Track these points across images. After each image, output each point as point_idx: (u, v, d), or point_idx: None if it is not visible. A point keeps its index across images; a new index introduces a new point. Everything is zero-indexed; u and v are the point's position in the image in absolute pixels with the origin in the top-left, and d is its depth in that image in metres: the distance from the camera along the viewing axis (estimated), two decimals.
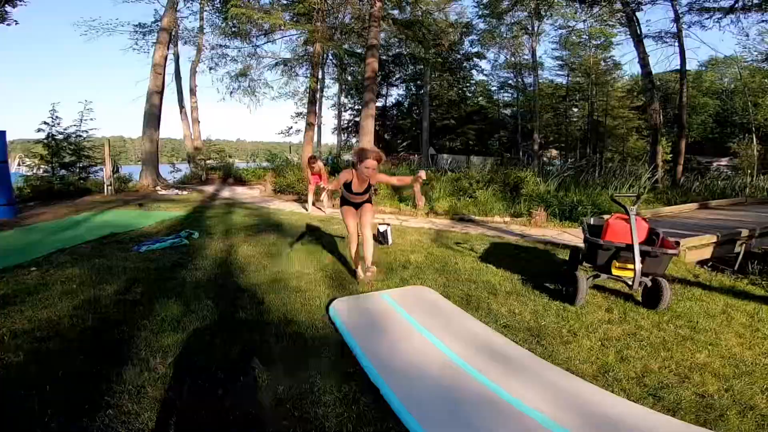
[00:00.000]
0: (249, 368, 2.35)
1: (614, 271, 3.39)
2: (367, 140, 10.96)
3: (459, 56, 28.30)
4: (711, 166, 25.02)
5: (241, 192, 12.60)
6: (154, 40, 16.38)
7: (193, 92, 19.19)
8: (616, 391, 2.29)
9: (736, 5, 12.94)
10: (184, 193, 11.88)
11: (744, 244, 5.84)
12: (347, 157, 24.59)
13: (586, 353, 2.72)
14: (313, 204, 9.07)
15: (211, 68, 17.00)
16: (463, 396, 2.17)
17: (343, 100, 30.22)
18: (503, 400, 2.13)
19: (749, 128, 26.63)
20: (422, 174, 3.58)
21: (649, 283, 3.43)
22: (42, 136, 12.43)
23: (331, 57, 18.42)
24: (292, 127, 25.32)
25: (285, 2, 14.18)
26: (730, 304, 3.73)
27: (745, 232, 5.90)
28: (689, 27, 15.32)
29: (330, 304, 3.32)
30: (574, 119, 31.04)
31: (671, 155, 26.78)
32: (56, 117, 13.06)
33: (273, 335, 2.78)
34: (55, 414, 1.90)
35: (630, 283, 3.33)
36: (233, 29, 13.27)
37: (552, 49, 30.21)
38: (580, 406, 2.10)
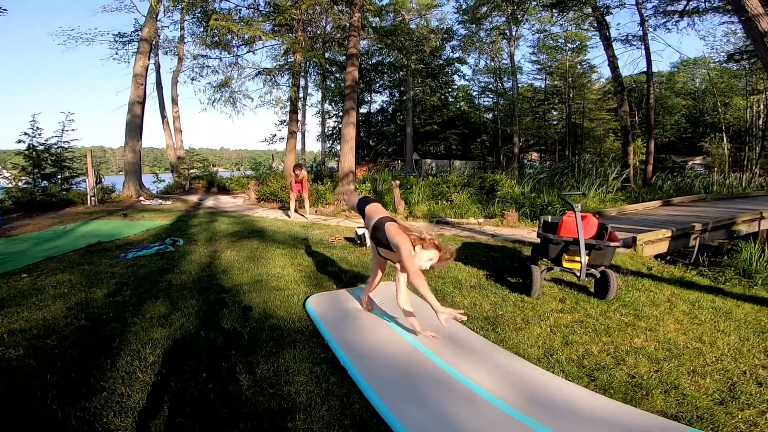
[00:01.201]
0: (230, 355, 2.62)
1: (564, 264, 3.76)
2: (349, 147, 11.27)
3: (441, 62, 28.96)
4: (686, 165, 26.00)
5: (225, 201, 12.77)
6: (135, 50, 16.45)
7: (174, 102, 19.23)
8: (556, 371, 2.58)
9: (687, 8, 13.65)
10: (168, 203, 11.99)
11: (698, 238, 6.28)
12: (332, 164, 24.86)
13: (535, 338, 3.05)
14: (296, 211, 9.33)
15: (192, 79, 17.12)
16: (421, 375, 2.47)
17: (327, 107, 30.57)
18: (456, 379, 2.43)
19: (719, 127, 27.72)
20: (397, 182, 3.88)
21: (598, 275, 3.79)
22: (23, 147, 12.45)
23: (313, 65, 18.70)
24: (275, 135, 25.48)
25: (266, 11, 14.49)
26: (675, 294, 4.12)
27: (698, 227, 6.35)
28: (654, 30, 16.01)
29: (307, 299, 3.61)
30: (554, 122, 31.86)
31: (646, 155, 27.77)
32: (37, 128, 13.11)
33: (253, 328, 3.05)
34: (55, 397, 2.15)
35: (578, 274, 3.69)
36: (214, 39, 13.49)
37: (530, 54, 31.07)
38: (521, 384, 2.39)
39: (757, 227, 7.18)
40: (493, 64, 29.48)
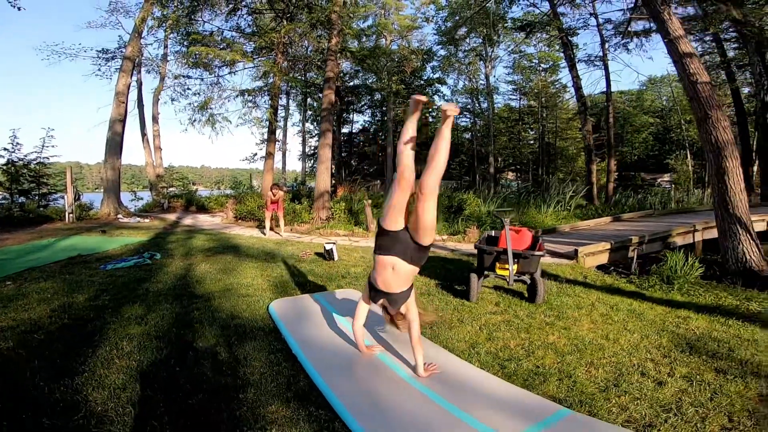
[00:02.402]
0: (197, 347, 3.04)
1: (497, 271, 4.30)
2: (324, 167, 11.81)
3: (422, 82, 29.97)
4: (656, 182, 27.19)
5: (203, 219, 13.08)
6: (117, 66, 16.75)
7: (155, 120, 19.48)
8: (473, 361, 3.01)
9: (628, 29, 14.75)
10: (146, 221, 12.22)
11: (635, 250, 6.92)
12: (312, 184, 25.32)
13: (464, 335, 3.54)
14: (271, 229, 9.74)
15: (173, 99, 17.49)
16: (359, 362, 2.93)
17: (309, 126, 31.17)
18: (386, 365, 2.89)
19: (684, 144, 29.15)
20: (369, 202, 4.39)
21: (528, 281, 4.34)
22: (1, 161, 12.62)
23: (294, 85, 19.29)
24: (256, 154, 25.81)
25: (249, 31, 15.08)
26: (600, 299, 4.68)
27: (635, 239, 7.01)
28: (615, 50, 16.90)
29: (270, 303, 4.05)
30: (529, 141, 33.04)
31: (616, 173, 28.98)
32: (17, 143, 13.31)
33: (220, 326, 3.48)
34: (42, 378, 2.53)
35: (508, 280, 4.23)
36: (194, 60, 13.95)
37: (506, 74, 32.36)
38: (442, 371, 2.86)
39: (692, 239, 7.90)
40: (470, 84, 30.65)
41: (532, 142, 32.73)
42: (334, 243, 6.77)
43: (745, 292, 4.98)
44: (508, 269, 4.17)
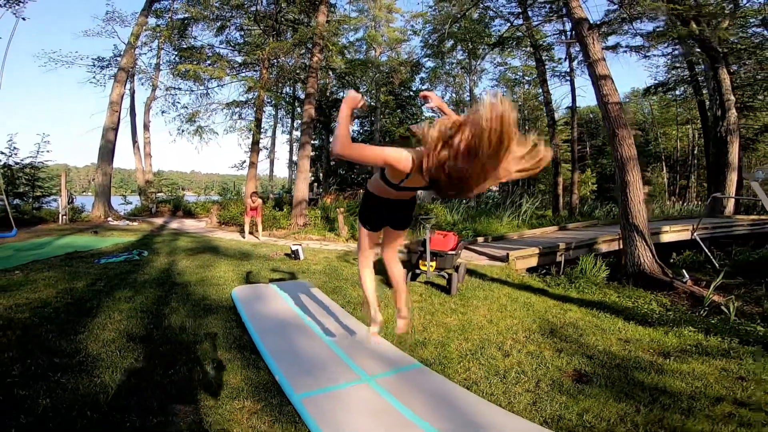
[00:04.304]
0: (171, 318, 3.98)
1: (421, 267, 5.30)
2: (303, 177, 12.78)
3: (411, 93, 30.95)
4: None
5: (189, 224, 13.94)
6: (112, 74, 17.59)
7: (146, 127, 20.27)
8: (383, 334, 3.98)
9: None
10: (135, 224, 13.06)
11: (563, 255, 7.95)
12: None
13: (384, 317, 4.48)
14: (250, 233, 10.66)
15: (163, 111, 18.37)
16: (287, 326, 3.89)
17: (297, 134, 32.13)
18: (307, 326, 3.86)
19: (660, 157, 30.35)
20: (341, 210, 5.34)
21: (447, 276, 5.33)
22: None
23: (278, 101, 20.28)
24: (245, 161, 26.80)
25: (239, 42, 16.07)
26: (508, 293, 5.68)
27: (562, 246, 8.05)
28: (582, 66, 17.60)
29: (234, 289, 5.00)
30: None
31: (596, 185, 30.21)
32: (14, 147, 14.12)
33: (191, 305, 4.42)
34: (52, 336, 3.45)
35: (428, 274, 5.23)
36: (183, 74, 14.83)
37: (491, 86, 33.36)
38: (351, 337, 3.81)
39: (618, 246, 8.95)
40: (456, 97, 31.81)
41: None
42: (300, 245, 7.74)
43: (632, 291, 6.03)
44: (427, 265, 5.17)
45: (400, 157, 1.84)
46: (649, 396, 2.88)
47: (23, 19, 14.25)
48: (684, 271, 6.45)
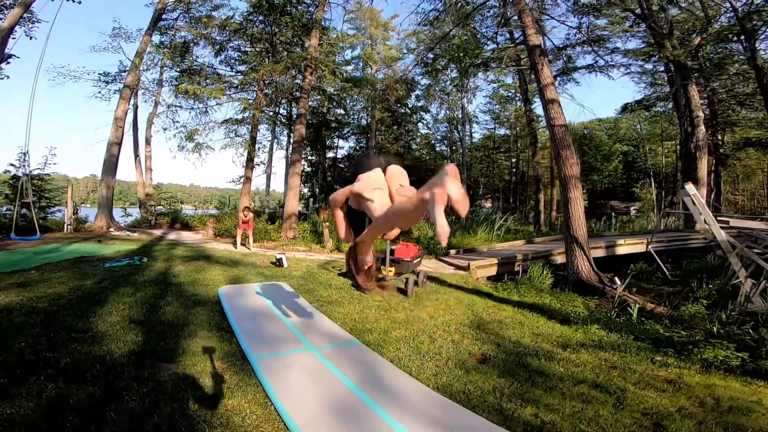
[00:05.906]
0: (165, 308, 4.84)
1: (383, 272, 6.17)
2: (293, 194, 13.70)
3: (407, 110, 31.82)
4: (629, 210, 28.87)
5: (186, 236, 14.76)
6: (117, 89, 18.49)
7: (148, 142, 21.17)
8: (339, 323, 4.83)
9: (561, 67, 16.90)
10: (135, 234, 13.88)
11: (520, 265, 8.79)
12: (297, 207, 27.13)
13: (345, 311, 5.35)
14: (242, 244, 11.52)
15: (165, 129, 19.33)
16: (259, 313, 4.74)
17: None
18: (279, 317, 4.72)
19: (649, 173, 30.93)
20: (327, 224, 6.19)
21: (405, 280, 6.19)
22: (7, 176, 14.33)
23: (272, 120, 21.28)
24: (243, 176, 27.75)
25: (237, 58, 17.12)
26: (458, 296, 6.53)
27: (519, 257, 8.92)
28: (564, 84, 18.19)
29: (219, 288, 5.86)
30: (505, 169, 35.00)
31: (587, 201, 30.73)
32: (25, 159, 15.05)
33: (183, 299, 5.28)
34: (69, 319, 4.29)
35: (388, 278, 6.09)
36: (183, 93, 15.78)
37: (485, 104, 34.07)
38: (315, 328, 4.64)
39: None
40: (449, 114, 32.57)
41: (507, 170, 34.68)
42: (284, 254, 8.60)
43: (568, 296, 6.88)
44: (387, 270, 6.05)
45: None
46: (527, 375, 3.70)
47: (30, 38, 15.44)
48: (616, 278, 7.30)
